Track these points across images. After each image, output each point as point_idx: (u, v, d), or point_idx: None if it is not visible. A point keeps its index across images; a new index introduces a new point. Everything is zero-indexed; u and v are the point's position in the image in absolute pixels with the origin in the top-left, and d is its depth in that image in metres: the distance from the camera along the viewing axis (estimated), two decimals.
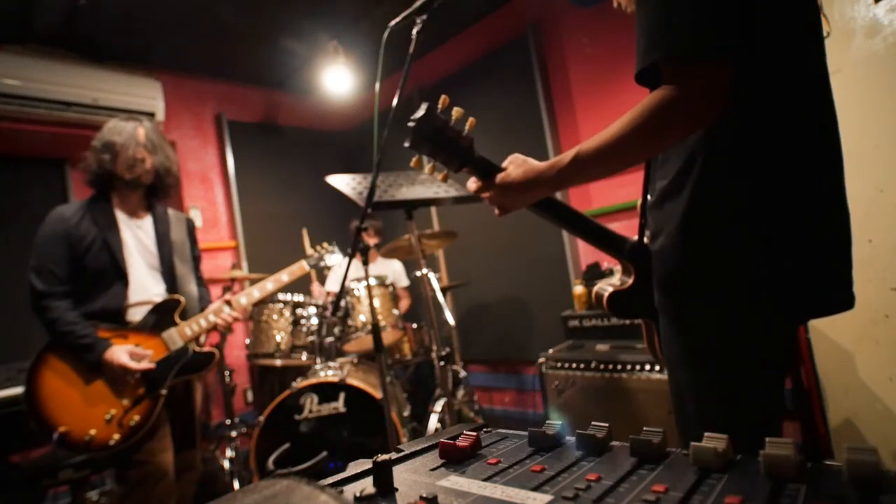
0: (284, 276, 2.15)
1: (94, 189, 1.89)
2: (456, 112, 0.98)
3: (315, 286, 3.43)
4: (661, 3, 0.76)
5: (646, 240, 0.98)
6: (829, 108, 0.85)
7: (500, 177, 1.00)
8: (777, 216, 0.80)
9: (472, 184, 1.05)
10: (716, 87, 0.75)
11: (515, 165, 0.98)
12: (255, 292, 2.06)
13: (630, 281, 1.02)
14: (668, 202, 0.88)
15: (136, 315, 1.84)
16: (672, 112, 0.77)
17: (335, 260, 2.47)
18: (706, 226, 0.83)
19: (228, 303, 1.97)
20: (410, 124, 0.95)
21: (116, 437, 1.70)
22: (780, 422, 0.88)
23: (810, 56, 0.84)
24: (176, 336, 1.86)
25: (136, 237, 1.91)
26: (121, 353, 1.70)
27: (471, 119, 0.99)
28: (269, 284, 2.10)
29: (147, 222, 1.96)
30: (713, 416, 0.85)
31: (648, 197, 0.98)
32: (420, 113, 0.95)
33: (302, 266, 2.26)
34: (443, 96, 0.98)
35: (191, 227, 2.11)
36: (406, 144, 0.98)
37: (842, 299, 0.84)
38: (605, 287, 1.05)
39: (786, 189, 0.80)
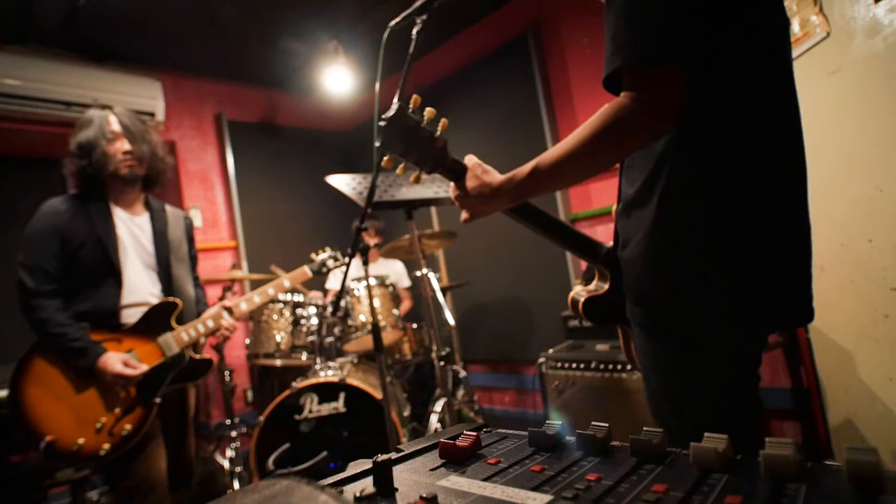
0: (286, 282, 2.12)
1: (86, 190, 1.80)
2: (428, 112, 0.95)
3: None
4: (626, 11, 0.77)
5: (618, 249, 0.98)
6: (796, 124, 0.85)
7: (459, 185, 0.98)
8: (742, 230, 0.80)
9: (451, 187, 1.03)
10: (670, 92, 0.75)
11: (472, 176, 0.96)
12: (257, 297, 2.02)
13: (606, 287, 1.01)
14: (636, 210, 0.88)
15: (130, 317, 1.75)
16: (629, 118, 0.76)
17: (343, 259, 2.43)
18: (672, 237, 0.84)
19: (228, 309, 1.91)
20: (381, 123, 0.93)
21: (106, 446, 1.62)
22: (759, 425, 0.88)
23: (777, 71, 0.84)
24: (172, 341, 1.78)
25: (133, 234, 1.82)
26: (115, 360, 1.61)
27: (443, 120, 0.97)
28: (270, 290, 2.06)
29: (144, 219, 1.87)
30: (689, 422, 0.85)
31: (618, 204, 0.98)
32: (391, 112, 0.92)
33: (304, 271, 2.22)
34: (414, 96, 0.95)
35: (189, 226, 2.02)
36: (377, 144, 0.97)
37: (802, 312, 0.85)
38: (581, 293, 1.04)
39: (751, 203, 0.80)
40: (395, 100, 0.92)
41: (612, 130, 0.78)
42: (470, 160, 0.99)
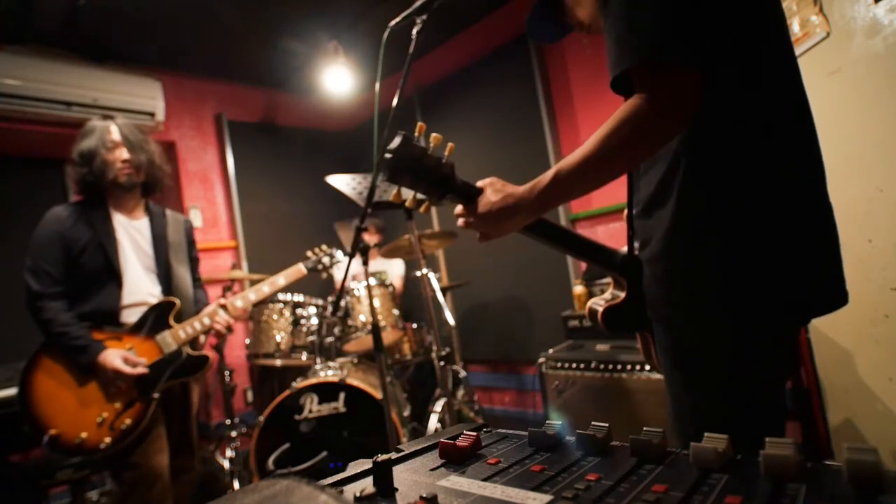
0: (281, 280, 2.14)
1: (86, 197, 1.88)
2: (434, 139, 0.91)
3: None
4: (627, 13, 0.76)
5: (635, 250, 0.97)
6: (808, 116, 0.85)
7: (468, 208, 0.96)
8: (761, 221, 0.80)
9: (458, 210, 1.00)
10: (685, 91, 0.75)
11: (493, 191, 0.94)
12: (251, 295, 2.05)
13: (622, 295, 1.01)
14: (656, 210, 0.88)
15: (130, 316, 1.83)
16: (644, 120, 0.76)
17: (339, 257, 2.42)
18: (691, 234, 0.83)
19: (224, 306, 1.96)
20: (387, 156, 0.88)
21: (107, 440, 1.69)
22: (782, 426, 0.88)
23: (783, 67, 0.84)
24: (170, 339, 1.85)
25: (132, 238, 1.90)
26: (115, 356, 1.69)
27: (450, 145, 0.94)
28: (265, 287, 2.09)
29: (143, 223, 1.95)
30: (710, 422, 0.85)
31: (634, 206, 0.97)
32: (396, 143, 0.88)
33: (299, 269, 2.23)
34: (419, 123, 0.93)
35: (189, 229, 2.09)
36: (383, 178, 0.94)
37: (834, 297, 0.84)
38: (599, 303, 1.03)
39: (769, 193, 0.80)
40: (399, 131, 0.89)
41: (631, 132, 0.77)
42: (483, 182, 0.97)
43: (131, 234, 1.90)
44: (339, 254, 2.41)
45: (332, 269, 2.39)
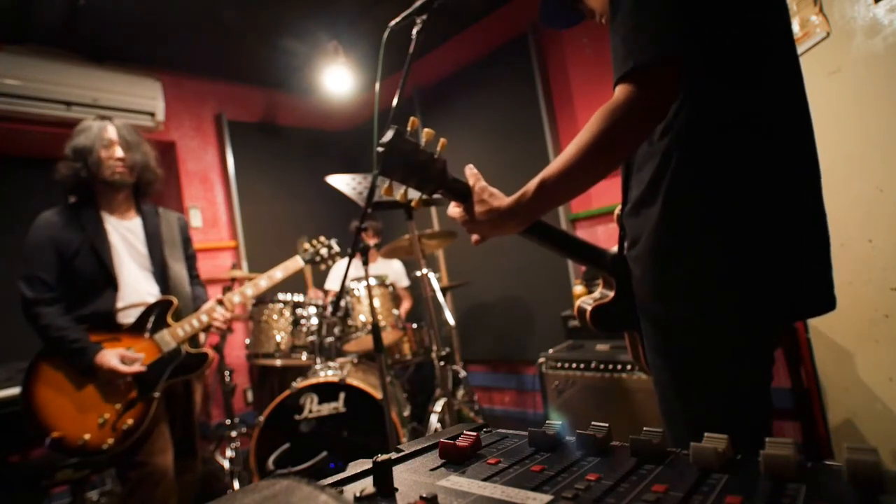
0: (278, 273, 2.12)
1: (76, 196, 1.87)
2: (426, 134, 0.92)
3: (311, 291, 3.41)
4: (635, 13, 0.77)
5: (625, 249, 0.97)
6: (808, 119, 0.85)
7: (465, 208, 0.97)
8: (743, 226, 0.80)
9: (452, 208, 1.00)
10: (663, 87, 0.76)
11: (478, 202, 0.94)
12: (249, 290, 2.05)
13: (611, 294, 1.01)
14: (645, 209, 0.88)
15: (128, 317, 1.83)
16: (625, 114, 0.77)
17: (336, 256, 2.39)
18: (677, 233, 0.84)
19: (221, 301, 1.96)
20: (379, 149, 0.89)
21: (110, 441, 1.69)
22: (769, 424, 0.88)
23: (779, 69, 0.84)
24: (168, 337, 1.84)
25: (125, 239, 1.89)
26: (111, 356, 1.69)
27: (442, 140, 0.94)
28: (262, 282, 2.08)
29: (136, 223, 1.93)
30: (699, 420, 0.85)
31: (625, 205, 0.98)
32: (387, 137, 0.88)
33: (297, 261, 2.21)
34: (412, 118, 0.93)
35: (183, 226, 2.08)
36: (376, 172, 0.93)
37: (820, 301, 0.84)
38: (587, 302, 1.03)
39: (771, 193, 0.80)
40: (391, 126, 0.89)
41: (616, 127, 0.78)
42: (471, 176, 0.97)
43: (123, 234, 1.89)
44: (336, 244, 2.37)
45: (331, 261, 2.36)
